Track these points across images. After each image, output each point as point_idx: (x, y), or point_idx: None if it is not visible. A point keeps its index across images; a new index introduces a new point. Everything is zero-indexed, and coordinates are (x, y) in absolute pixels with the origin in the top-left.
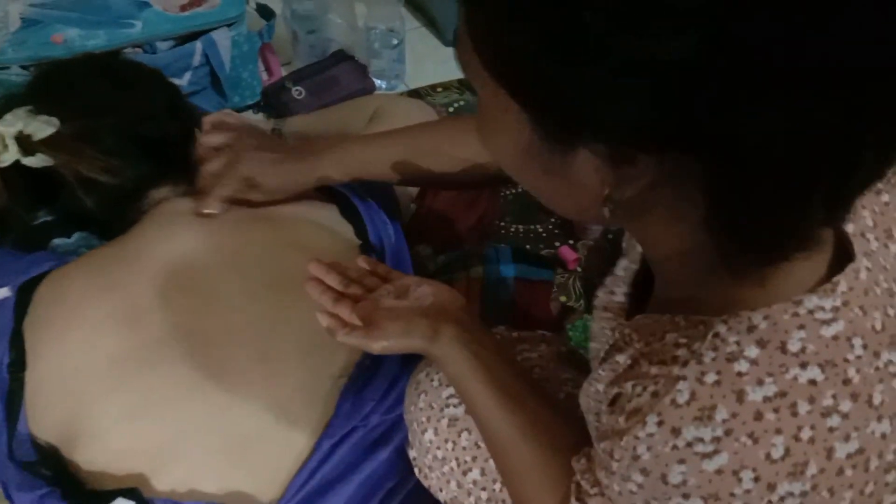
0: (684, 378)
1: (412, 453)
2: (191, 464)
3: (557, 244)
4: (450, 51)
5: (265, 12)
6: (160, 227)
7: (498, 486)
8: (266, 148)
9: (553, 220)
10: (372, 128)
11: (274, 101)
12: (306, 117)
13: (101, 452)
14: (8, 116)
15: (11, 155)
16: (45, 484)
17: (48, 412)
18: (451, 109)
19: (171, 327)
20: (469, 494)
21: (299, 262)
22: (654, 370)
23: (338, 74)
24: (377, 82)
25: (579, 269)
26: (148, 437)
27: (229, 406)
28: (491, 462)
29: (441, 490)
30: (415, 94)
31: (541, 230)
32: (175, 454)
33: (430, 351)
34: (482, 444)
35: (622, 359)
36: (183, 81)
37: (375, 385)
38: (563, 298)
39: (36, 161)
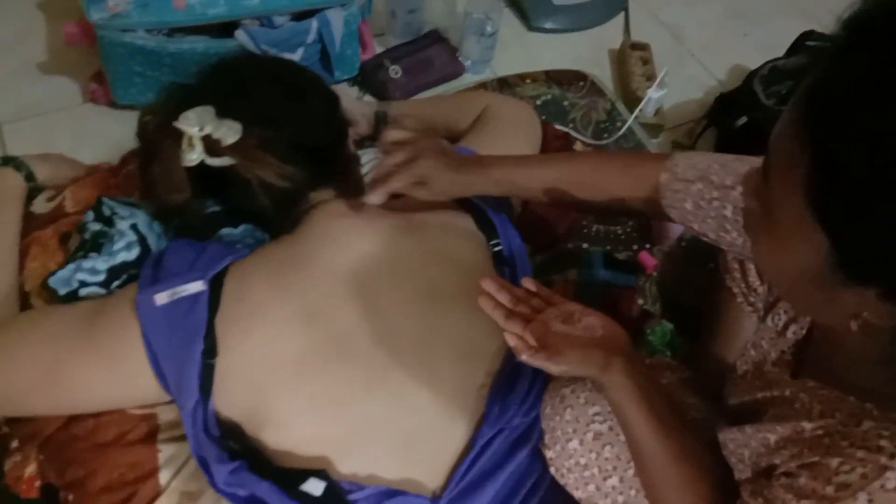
0: (892, 469)
1: (549, 454)
2: (370, 453)
3: (635, 247)
4: (533, 36)
5: None
6: (327, 233)
7: (634, 492)
8: (443, 153)
9: (631, 222)
10: (481, 127)
11: (371, 78)
12: (413, 104)
13: (286, 439)
14: (191, 115)
15: (198, 155)
16: (233, 457)
17: (235, 398)
18: (538, 102)
19: (345, 329)
20: (606, 496)
21: (447, 273)
22: (859, 454)
23: (432, 56)
24: (466, 65)
25: (655, 274)
26: (330, 428)
27: (400, 402)
28: (630, 472)
29: (577, 489)
30: (504, 83)
31: (620, 232)
32: (355, 444)
33: (600, 379)
34: (623, 457)
35: (808, 427)
36: (296, 56)
37: (517, 392)
38: (640, 301)
39: (220, 162)
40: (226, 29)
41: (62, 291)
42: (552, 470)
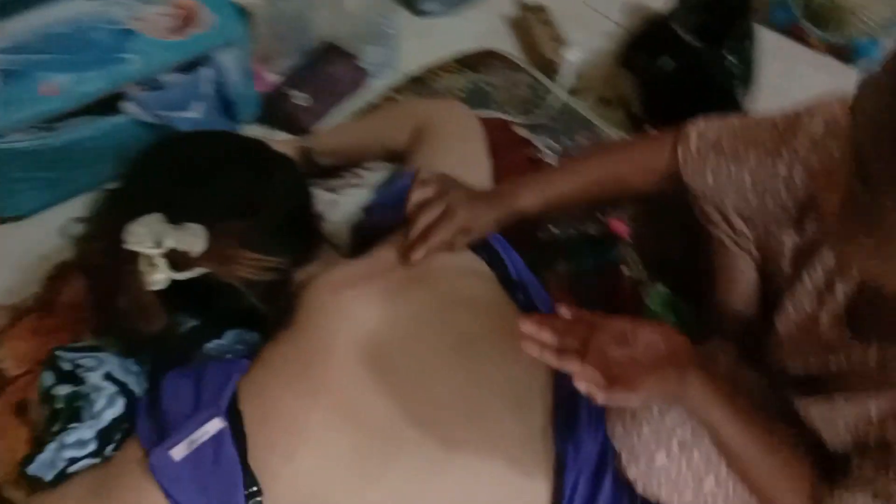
0: None
1: (633, 472)
2: None
3: (600, 217)
4: (426, 23)
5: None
6: (331, 314)
7: (731, 486)
8: (475, 196)
9: None
10: (427, 145)
11: (277, 112)
12: (339, 133)
13: None
14: (139, 231)
15: (164, 275)
16: None
17: None
18: (463, 95)
19: (389, 415)
20: (706, 501)
21: (467, 316)
22: None
23: (334, 71)
24: (370, 71)
25: (630, 240)
26: None
27: (474, 478)
28: (723, 468)
29: (673, 501)
30: (418, 82)
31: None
32: None
33: (680, 398)
34: (712, 458)
35: None
36: (195, 112)
37: (582, 423)
38: (626, 272)
39: (192, 274)
40: (109, 105)
41: (49, 476)
42: (639, 487)
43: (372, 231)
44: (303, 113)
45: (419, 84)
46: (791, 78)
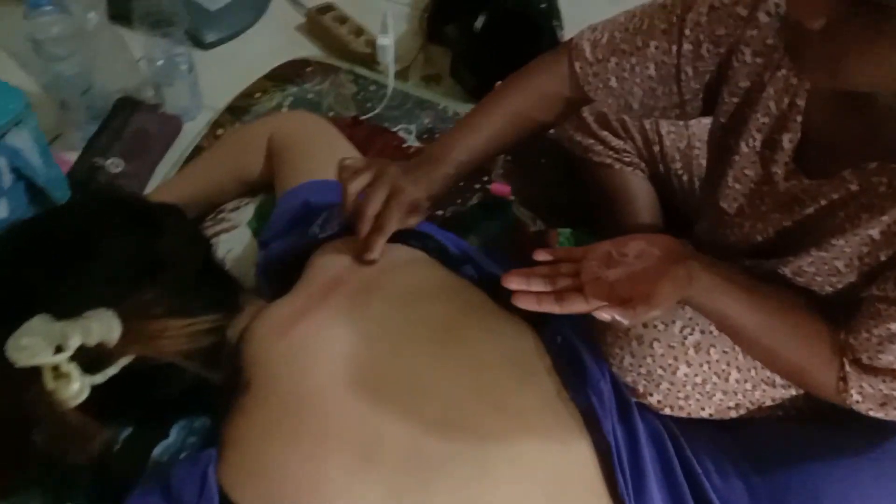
0: None
1: (654, 399)
2: None
3: (477, 186)
4: (218, 53)
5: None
6: (289, 362)
7: (755, 371)
8: (410, 168)
9: None
10: (286, 162)
11: (93, 187)
12: (181, 182)
13: None
14: (28, 341)
15: (80, 383)
16: None
17: None
18: (288, 109)
19: (404, 435)
20: (735, 394)
21: (432, 307)
22: None
23: (140, 126)
24: (181, 116)
25: (513, 197)
26: None
27: (517, 467)
28: (740, 357)
29: (703, 409)
30: (237, 110)
31: None
32: None
33: (691, 295)
34: (728, 349)
35: None
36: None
37: (591, 370)
38: (526, 224)
39: (114, 370)
40: None
41: None
42: (666, 410)
43: (280, 266)
44: (123, 179)
45: (239, 112)
46: None
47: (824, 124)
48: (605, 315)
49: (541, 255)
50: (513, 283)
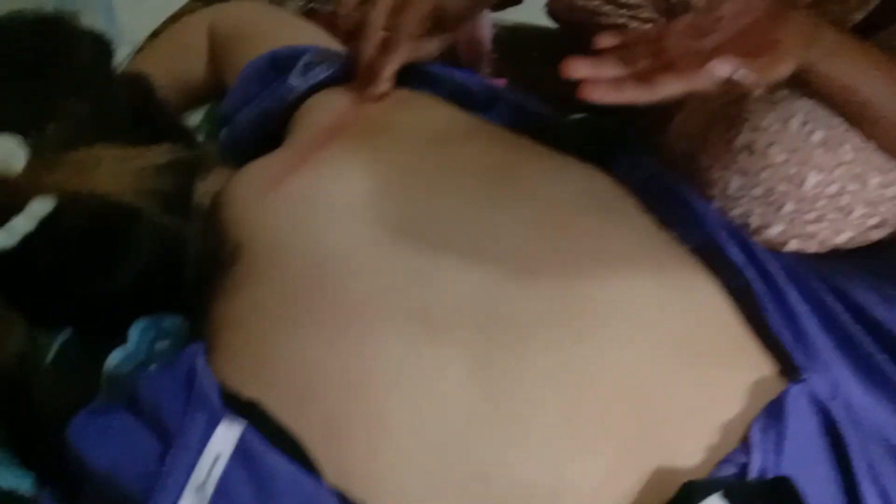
0: None
1: (776, 229)
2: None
3: None
4: None
5: None
6: (298, 217)
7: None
8: None
9: None
10: (243, 42)
11: None
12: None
13: None
14: None
15: None
16: None
17: None
18: None
19: (473, 306)
20: (879, 204)
21: (472, 149)
22: None
23: None
24: None
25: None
26: None
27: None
28: (873, 155)
29: (840, 232)
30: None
31: None
32: None
33: (814, 60)
34: (864, 146)
35: None
36: None
37: (694, 203)
38: None
39: (26, 224)
40: None
41: None
42: (792, 246)
43: (251, 140)
44: None
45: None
46: None
47: None
48: (723, 71)
49: (605, 41)
50: (578, 69)
